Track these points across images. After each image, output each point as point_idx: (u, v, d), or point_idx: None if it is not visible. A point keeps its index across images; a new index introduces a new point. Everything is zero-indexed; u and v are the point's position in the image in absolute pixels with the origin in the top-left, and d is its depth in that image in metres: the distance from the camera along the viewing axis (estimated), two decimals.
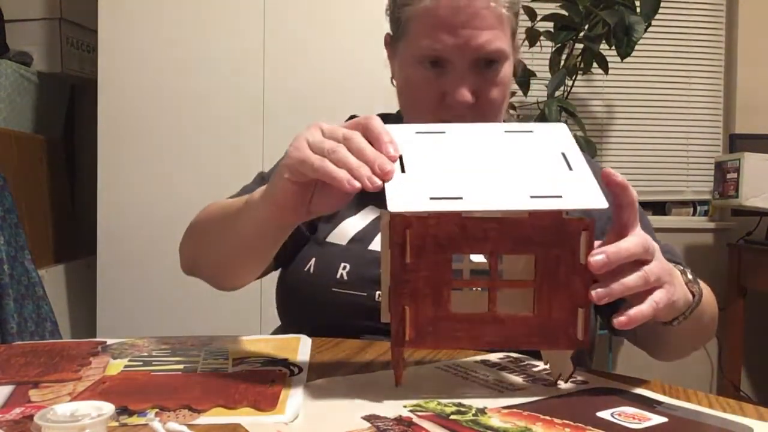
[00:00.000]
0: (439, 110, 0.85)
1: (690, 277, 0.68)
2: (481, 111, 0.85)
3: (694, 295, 0.66)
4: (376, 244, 0.86)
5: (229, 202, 0.81)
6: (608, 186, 0.58)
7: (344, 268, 0.85)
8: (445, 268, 0.55)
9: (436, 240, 0.55)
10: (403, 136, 0.61)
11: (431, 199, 0.55)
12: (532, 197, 0.56)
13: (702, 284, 0.71)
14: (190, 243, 0.90)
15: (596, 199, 0.56)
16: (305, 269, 0.88)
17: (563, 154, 0.61)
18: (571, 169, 0.59)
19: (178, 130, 2.09)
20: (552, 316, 0.56)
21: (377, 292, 0.82)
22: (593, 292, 0.55)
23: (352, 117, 0.99)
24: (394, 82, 0.93)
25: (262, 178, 0.95)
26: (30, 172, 2.19)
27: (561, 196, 0.56)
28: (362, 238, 0.88)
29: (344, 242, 0.88)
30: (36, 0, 2.29)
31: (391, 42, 0.93)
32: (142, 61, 2.07)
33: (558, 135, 0.63)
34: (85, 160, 2.48)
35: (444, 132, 0.63)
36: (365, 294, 0.84)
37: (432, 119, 0.84)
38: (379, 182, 0.56)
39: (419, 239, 0.55)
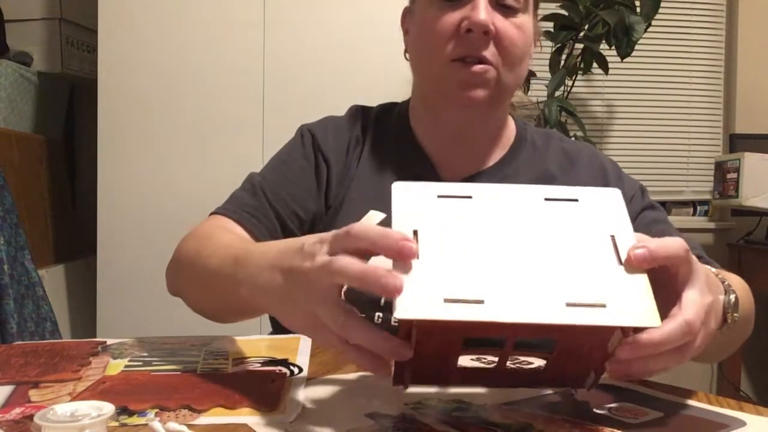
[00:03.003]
0: (455, 43, 0.81)
1: (731, 299, 0.62)
2: (502, 52, 0.82)
3: (726, 321, 0.61)
4: (374, 261, 0.80)
5: (212, 259, 0.72)
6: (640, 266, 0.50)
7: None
8: (455, 346, 0.50)
9: (448, 326, 0.48)
10: (422, 199, 0.53)
11: (446, 301, 0.47)
12: (568, 305, 0.47)
13: (737, 285, 0.66)
14: (177, 278, 0.84)
15: (646, 316, 0.47)
16: None
17: (612, 239, 0.51)
18: (620, 262, 0.50)
19: (178, 130, 2.09)
20: (564, 374, 0.54)
21: (377, 314, 0.78)
22: (610, 370, 0.49)
23: (354, 107, 0.99)
24: (407, 55, 0.91)
25: (252, 185, 0.90)
26: (30, 172, 2.19)
27: (604, 305, 0.47)
28: None
29: None
30: (36, 0, 2.30)
31: (407, 11, 0.92)
32: (142, 61, 2.07)
33: (608, 206, 0.53)
34: (85, 160, 2.48)
35: (470, 196, 0.54)
36: (364, 316, 0.79)
37: (443, 58, 0.82)
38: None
39: (428, 325, 0.48)
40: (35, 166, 2.24)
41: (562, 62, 2.43)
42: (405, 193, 0.53)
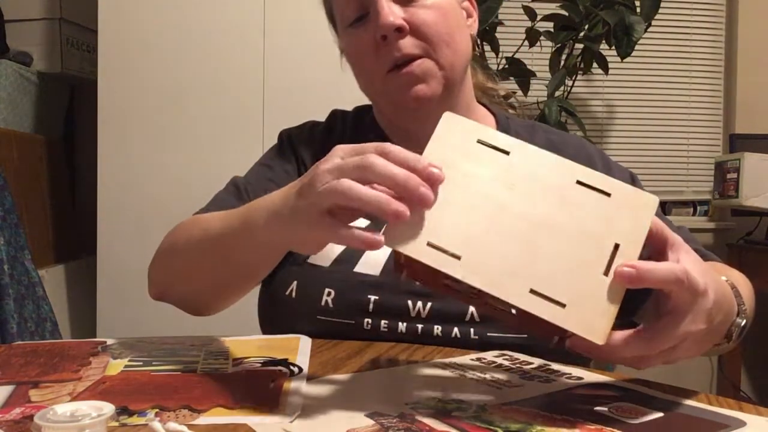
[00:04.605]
0: (380, 55, 0.81)
1: (742, 323, 0.62)
2: (423, 38, 0.80)
3: (730, 337, 0.62)
4: (361, 266, 0.80)
5: (211, 224, 0.74)
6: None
7: (328, 294, 0.79)
8: (439, 273, 0.52)
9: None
10: (461, 139, 0.53)
11: (428, 245, 0.50)
12: (531, 291, 0.49)
13: (740, 282, 0.67)
14: (167, 268, 0.83)
15: (594, 331, 0.48)
16: (286, 293, 0.82)
17: (615, 247, 0.50)
18: (606, 273, 0.50)
19: (178, 130, 2.09)
20: (531, 328, 0.55)
21: (366, 320, 0.78)
22: (567, 346, 0.51)
23: (333, 111, 0.99)
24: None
25: (236, 187, 0.90)
26: (30, 172, 2.19)
27: (564, 305, 0.49)
28: (347, 258, 0.81)
29: (327, 264, 0.81)
30: (36, 0, 2.30)
31: (341, 51, 0.93)
32: (142, 61, 2.07)
33: (635, 213, 0.52)
34: (85, 160, 2.48)
35: (508, 153, 0.53)
36: (353, 322, 0.78)
37: (379, 73, 0.82)
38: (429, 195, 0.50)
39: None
40: (35, 166, 2.24)
41: (562, 62, 2.43)
42: (449, 127, 0.54)
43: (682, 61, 2.90)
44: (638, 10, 2.30)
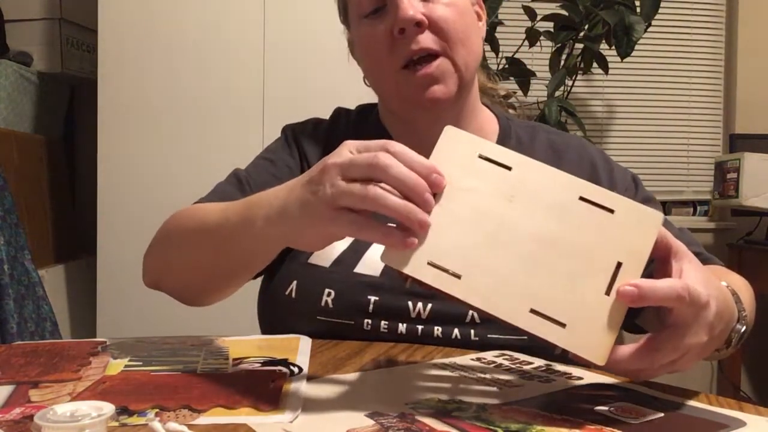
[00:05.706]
0: (396, 49, 0.80)
1: (742, 329, 0.62)
2: (442, 35, 0.80)
3: (730, 343, 0.62)
4: (361, 267, 0.80)
5: (209, 215, 0.73)
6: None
7: (328, 294, 0.79)
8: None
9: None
10: (463, 154, 0.52)
11: (429, 264, 0.49)
12: (532, 311, 0.49)
13: (741, 287, 0.67)
14: (161, 257, 0.83)
15: (595, 352, 0.48)
16: (286, 293, 0.81)
17: (618, 266, 0.50)
18: (608, 293, 0.49)
19: (178, 130, 2.09)
20: (536, 340, 0.54)
21: (366, 320, 0.78)
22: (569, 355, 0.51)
23: (337, 110, 0.99)
24: (367, 81, 0.92)
25: (237, 179, 0.91)
26: (30, 172, 2.19)
27: (564, 325, 0.49)
28: (347, 259, 0.81)
29: (327, 264, 0.81)
30: (36, 0, 2.30)
31: (350, 44, 0.92)
32: (142, 61, 2.07)
33: (638, 231, 0.51)
34: (85, 160, 2.48)
35: (510, 168, 0.52)
36: (353, 322, 0.78)
37: (392, 68, 0.81)
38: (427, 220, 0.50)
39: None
40: (35, 166, 2.24)
41: (562, 62, 2.43)
42: (451, 141, 0.53)
43: (682, 61, 2.90)
44: (638, 10, 2.30)
